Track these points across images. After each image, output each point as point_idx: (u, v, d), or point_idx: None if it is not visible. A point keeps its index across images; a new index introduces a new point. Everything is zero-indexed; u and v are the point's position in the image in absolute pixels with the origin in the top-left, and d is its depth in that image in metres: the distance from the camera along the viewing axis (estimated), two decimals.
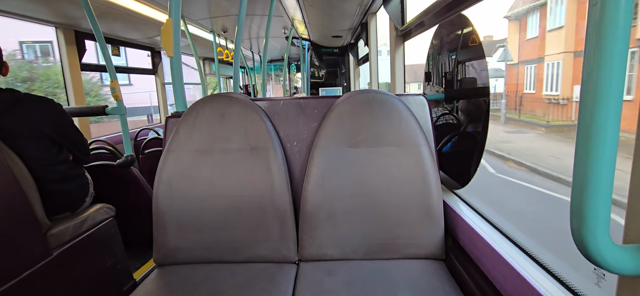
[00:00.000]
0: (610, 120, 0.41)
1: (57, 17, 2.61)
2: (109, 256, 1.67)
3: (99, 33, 2.03)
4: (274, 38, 5.31)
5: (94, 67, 3.21)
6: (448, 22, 1.61)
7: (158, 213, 1.21)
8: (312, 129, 1.31)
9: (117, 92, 2.09)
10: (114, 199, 1.88)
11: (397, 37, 2.23)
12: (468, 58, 1.57)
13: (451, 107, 1.79)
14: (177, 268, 1.20)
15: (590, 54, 0.42)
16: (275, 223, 1.20)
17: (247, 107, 1.24)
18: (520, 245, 0.92)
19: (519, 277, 0.78)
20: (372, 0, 2.72)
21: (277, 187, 1.19)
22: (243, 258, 1.22)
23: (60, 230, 1.42)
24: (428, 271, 1.11)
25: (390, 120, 1.19)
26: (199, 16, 3.48)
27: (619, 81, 0.41)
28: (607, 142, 0.42)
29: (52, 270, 1.34)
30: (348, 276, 1.11)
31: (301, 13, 3.39)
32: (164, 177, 1.21)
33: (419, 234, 1.17)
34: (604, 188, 0.43)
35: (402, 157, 1.18)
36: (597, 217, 0.44)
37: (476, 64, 1.49)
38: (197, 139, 1.22)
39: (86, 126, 3.03)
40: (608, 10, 0.40)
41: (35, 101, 1.44)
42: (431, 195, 1.16)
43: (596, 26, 0.41)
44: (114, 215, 1.75)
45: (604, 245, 0.45)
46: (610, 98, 0.41)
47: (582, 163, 0.44)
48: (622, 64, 0.40)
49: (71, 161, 1.61)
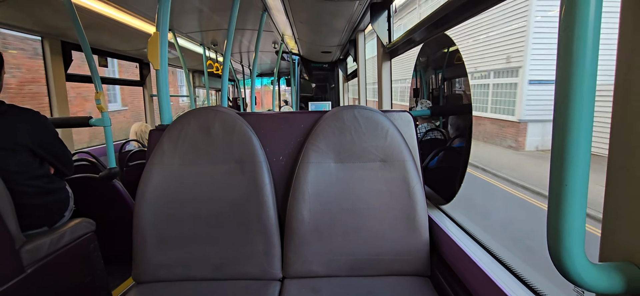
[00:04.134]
0: (582, 143, 0.42)
1: (44, 27, 2.57)
2: (87, 273, 1.61)
3: (85, 43, 2.00)
4: (264, 52, 5.34)
5: (80, 77, 3.16)
6: (433, 41, 1.65)
7: (138, 228, 1.18)
8: (298, 144, 1.31)
9: (102, 104, 2.06)
10: (96, 213, 1.82)
11: (384, 53, 2.27)
12: (453, 75, 1.61)
13: (437, 122, 1.82)
14: (156, 286, 1.16)
15: (561, 73, 0.43)
16: (259, 239, 1.18)
17: (233, 121, 1.24)
18: (505, 263, 0.92)
19: (503, 295, 0.78)
20: (360, 18, 2.77)
21: (263, 202, 1.18)
22: (226, 276, 1.19)
23: (35, 245, 1.36)
24: (413, 288, 1.10)
25: (376, 135, 1.20)
26: (189, 29, 3.48)
27: (590, 102, 0.42)
28: (580, 163, 0.43)
29: (25, 288, 1.28)
30: (333, 294, 1.09)
31: (291, 29, 3.43)
32: (146, 191, 1.18)
33: (405, 250, 1.17)
34: (578, 208, 0.44)
35: (387, 172, 1.19)
36: (572, 235, 0.45)
37: (460, 81, 1.53)
38: (182, 152, 1.20)
39: (69, 136, 2.96)
40: (578, 30, 0.41)
41: (18, 113, 1.40)
42: (416, 210, 1.17)
43: (566, 32, 0.42)
44: (94, 229, 1.70)
45: (580, 264, 0.46)
46: (582, 121, 0.42)
47: (556, 182, 0.45)
48: (593, 84, 0.42)
49: (51, 174, 1.56)
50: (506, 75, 8.89)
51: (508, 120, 8.78)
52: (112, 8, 2.44)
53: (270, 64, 7.00)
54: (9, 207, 1.28)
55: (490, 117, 9.48)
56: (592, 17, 0.40)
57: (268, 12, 2.84)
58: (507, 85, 8.87)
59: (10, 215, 1.28)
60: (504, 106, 9.02)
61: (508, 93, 8.82)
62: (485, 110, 9.66)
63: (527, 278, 0.84)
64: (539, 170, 6.69)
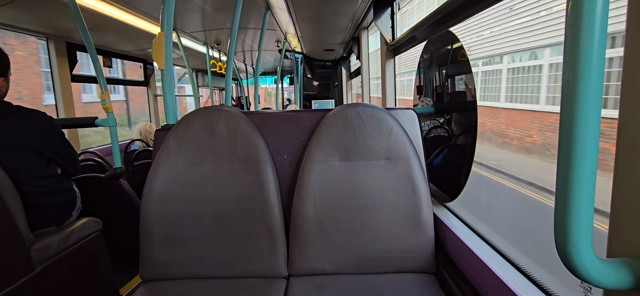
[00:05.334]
0: (590, 137, 0.42)
1: (49, 28, 2.59)
2: (94, 272, 1.63)
3: (90, 45, 2.02)
4: (267, 51, 5.35)
5: (85, 78, 3.19)
6: (437, 38, 1.64)
7: (145, 226, 1.19)
8: (302, 142, 1.31)
9: (108, 104, 2.07)
10: (103, 212, 1.84)
11: (388, 51, 2.26)
12: (457, 72, 1.60)
13: (441, 120, 1.82)
14: (163, 284, 1.17)
15: (569, 66, 0.43)
16: (265, 237, 1.19)
17: (237, 120, 1.24)
18: (510, 259, 0.92)
19: (510, 291, 0.78)
20: (363, 16, 2.77)
21: (267, 200, 1.18)
22: (232, 274, 1.20)
23: (44, 244, 1.38)
24: (418, 285, 1.10)
25: (380, 133, 1.20)
26: (193, 29, 3.50)
27: (598, 95, 0.42)
28: (587, 158, 0.43)
29: (34, 286, 1.30)
30: (339, 291, 1.09)
31: (294, 27, 3.43)
32: (152, 190, 1.19)
33: (410, 247, 1.17)
34: (586, 204, 0.44)
35: (392, 170, 1.19)
36: (580, 231, 0.45)
37: (465, 78, 1.53)
38: (187, 152, 1.21)
39: (76, 137, 2.99)
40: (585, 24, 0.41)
41: (25, 114, 1.42)
42: (421, 208, 1.17)
43: (573, 28, 0.42)
44: (101, 228, 1.71)
45: (588, 259, 0.45)
46: (589, 115, 0.42)
47: (563, 177, 0.45)
48: (601, 77, 0.42)
49: (59, 174, 1.58)
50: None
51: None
52: (116, 8, 2.45)
53: (273, 62, 7.00)
54: (18, 207, 1.30)
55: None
56: (599, 11, 0.40)
57: (271, 11, 2.85)
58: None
59: (20, 214, 1.29)
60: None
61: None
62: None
63: (534, 275, 0.83)
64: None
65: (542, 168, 5.55)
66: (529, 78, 6.58)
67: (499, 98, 7.23)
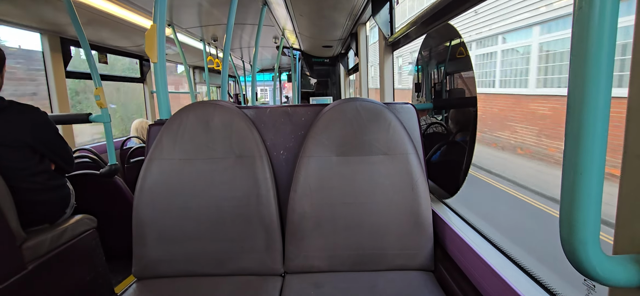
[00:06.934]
0: (599, 128, 0.40)
1: (42, 23, 2.56)
2: (88, 270, 1.61)
3: (84, 40, 1.99)
4: (265, 47, 5.31)
5: (79, 74, 3.15)
6: (435, 32, 1.62)
7: (138, 224, 1.16)
8: (299, 138, 1.29)
9: (102, 100, 2.04)
10: (97, 210, 1.82)
11: (386, 46, 2.24)
12: (456, 69, 1.58)
13: (440, 117, 1.80)
14: (157, 282, 1.15)
15: (576, 58, 0.41)
16: (260, 234, 1.17)
17: (233, 115, 1.22)
18: (510, 256, 0.91)
19: (509, 288, 0.77)
20: (361, 11, 2.74)
21: (263, 196, 1.16)
22: (227, 271, 1.18)
23: (37, 242, 1.35)
24: (417, 283, 1.09)
25: (378, 128, 1.18)
26: (189, 24, 3.46)
27: (607, 87, 0.40)
28: (596, 150, 0.41)
29: (27, 284, 1.27)
30: (335, 289, 1.08)
31: (291, 23, 3.40)
32: (145, 187, 1.17)
33: (408, 245, 1.15)
34: (594, 198, 0.42)
35: (390, 165, 1.17)
36: (587, 227, 0.43)
37: (464, 75, 1.51)
38: (181, 147, 1.19)
39: (70, 133, 2.96)
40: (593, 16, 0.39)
41: (18, 109, 1.40)
42: (420, 204, 1.15)
43: (582, 12, 0.39)
44: (95, 226, 1.69)
45: (595, 256, 0.44)
46: (598, 104, 0.40)
47: (570, 172, 0.43)
48: (610, 68, 0.39)
49: (52, 171, 1.56)
50: None
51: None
52: (111, 3, 2.42)
53: (270, 59, 6.97)
54: (9, 204, 1.27)
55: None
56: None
57: (268, 6, 2.81)
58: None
59: (11, 211, 1.27)
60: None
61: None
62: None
63: (536, 273, 0.82)
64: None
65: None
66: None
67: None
